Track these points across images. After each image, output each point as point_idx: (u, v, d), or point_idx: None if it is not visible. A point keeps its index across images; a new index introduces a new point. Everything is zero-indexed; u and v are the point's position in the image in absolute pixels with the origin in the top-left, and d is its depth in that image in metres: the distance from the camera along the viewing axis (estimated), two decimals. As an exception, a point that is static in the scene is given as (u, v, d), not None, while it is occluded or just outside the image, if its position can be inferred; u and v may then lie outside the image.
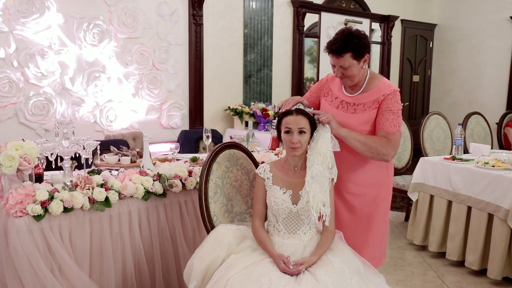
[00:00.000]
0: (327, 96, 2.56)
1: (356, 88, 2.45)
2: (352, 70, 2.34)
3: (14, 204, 2.32)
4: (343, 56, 2.31)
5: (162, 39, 5.45)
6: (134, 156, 3.31)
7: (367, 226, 2.50)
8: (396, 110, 2.36)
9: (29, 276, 2.30)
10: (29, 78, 4.56)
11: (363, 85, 2.43)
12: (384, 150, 2.32)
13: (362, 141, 2.31)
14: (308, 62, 7.22)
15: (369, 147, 2.31)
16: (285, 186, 2.29)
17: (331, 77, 2.60)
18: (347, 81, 2.41)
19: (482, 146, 4.24)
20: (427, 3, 8.88)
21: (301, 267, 2.10)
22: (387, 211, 2.60)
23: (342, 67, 2.34)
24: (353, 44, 2.29)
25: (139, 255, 2.71)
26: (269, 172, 2.34)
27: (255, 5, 6.32)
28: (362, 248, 2.46)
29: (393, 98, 2.37)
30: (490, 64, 8.14)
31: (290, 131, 2.25)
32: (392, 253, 4.13)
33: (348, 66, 2.32)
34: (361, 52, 2.32)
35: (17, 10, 4.41)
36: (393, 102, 2.36)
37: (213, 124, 6.01)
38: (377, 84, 2.42)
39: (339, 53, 2.31)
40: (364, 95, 2.42)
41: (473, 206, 3.61)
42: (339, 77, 2.40)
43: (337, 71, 2.38)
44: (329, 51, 2.35)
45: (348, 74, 2.36)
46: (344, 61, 2.31)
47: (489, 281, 3.51)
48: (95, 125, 5.06)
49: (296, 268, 2.10)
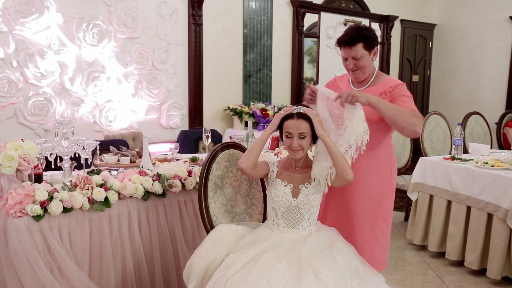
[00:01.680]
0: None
1: (364, 82, 2.54)
2: (364, 61, 2.43)
3: (14, 204, 2.32)
4: (356, 46, 2.40)
5: (161, 39, 5.45)
6: (134, 156, 3.31)
7: (371, 225, 2.50)
8: (409, 95, 2.42)
9: (28, 276, 2.30)
10: (29, 78, 4.56)
11: (370, 79, 2.52)
12: (415, 121, 2.32)
13: (395, 108, 2.31)
14: (307, 62, 7.23)
15: (400, 115, 2.29)
16: (286, 180, 2.33)
17: (338, 78, 2.70)
18: (359, 74, 2.48)
19: (482, 146, 4.24)
20: (427, 3, 8.88)
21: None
22: (390, 212, 2.61)
23: (355, 58, 2.42)
24: (364, 35, 2.40)
25: (139, 255, 2.71)
26: (275, 167, 2.39)
27: (254, 5, 6.32)
28: (365, 248, 2.47)
29: (402, 87, 2.45)
30: (489, 64, 8.14)
31: (290, 136, 2.27)
32: (391, 253, 4.13)
33: (360, 56, 2.41)
34: (371, 43, 2.43)
35: (17, 10, 4.41)
36: (404, 90, 2.43)
37: (212, 124, 6.01)
38: (384, 80, 2.51)
39: (352, 43, 2.40)
40: (372, 88, 2.49)
41: (473, 206, 3.61)
42: (351, 69, 2.47)
43: (349, 63, 2.45)
44: (341, 43, 2.44)
45: (360, 65, 2.44)
46: (356, 51, 2.40)
47: (488, 281, 3.51)
48: (95, 125, 5.06)
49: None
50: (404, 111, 2.32)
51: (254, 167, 2.34)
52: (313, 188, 2.30)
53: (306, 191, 2.30)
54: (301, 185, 2.31)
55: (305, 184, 2.31)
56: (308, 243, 2.22)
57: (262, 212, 2.67)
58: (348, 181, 2.25)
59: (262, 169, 2.39)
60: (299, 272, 2.05)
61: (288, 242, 2.24)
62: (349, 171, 2.24)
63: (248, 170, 2.33)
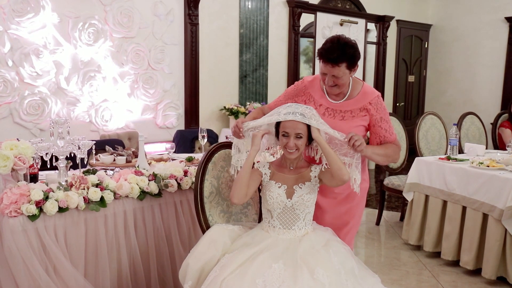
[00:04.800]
0: (308, 103, 2.50)
1: (341, 95, 2.47)
2: (344, 79, 2.36)
3: (9, 204, 2.31)
4: (340, 66, 2.30)
5: (157, 39, 5.45)
6: (130, 156, 3.30)
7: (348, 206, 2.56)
8: (387, 118, 2.49)
9: (23, 276, 2.30)
10: (24, 77, 4.54)
11: (347, 92, 2.46)
12: (397, 156, 2.52)
13: (382, 154, 2.45)
14: (303, 62, 7.24)
15: (387, 157, 2.47)
16: (280, 181, 2.32)
17: (308, 83, 2.57)
18: (336, 89, 2.41)
19: (477, 146, 4.25)
20: (423, 4, 8.91)
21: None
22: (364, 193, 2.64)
23: (335, 76, 2.33)
24: (349, 55, 2.30)
25: (134, 255, 2.70)
26: (267, 169, 2.37)
27: (250, 5, 6.32)
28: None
29: (381, 104, 2.46)
30: (485, 64, 8.17)
31: (287, 135, 2.27)
32: (387, 253, 4.15)
33: (341, 75, 2.33)
34: (355, 62, 2.35)
35: (12, 10, 4.39)
36: (383, 109, 2.46)
37: (208, 124, 6.00)
38: (360, 91, 2.46)
39: (336, 62, 2.29)
40: (349, 102, 2.45)
41: (468, 206, 3.63)
42: (330, 85, 2.39)
43: (328, 79, 2.36)
44: (325, 59, 2.32)
45: (340, 83, 2.37)
46: (339, 70, 2.31)
47: (483, 281, 3.52)
48: (91, 124, 5.05)
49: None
50: (391, 154, 2.47)
51: (246, 196, 2.30)
52: (307, 188, 2.31)
53: (300, 191, 2.30)
54: (295, 186, 2.30)
55: (299, 185, 2.31)
56: (304, 243, 2.22)
57: (258, 212, 2.67)
58: (344, 181, 2.25)
59: (254, 182, 2.35)
60: (295, 272, 2.05)
61: (284, 243, 2.24)
62: (345, 171, 2.24)
63: (242, 201, 2.31)
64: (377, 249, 4.31)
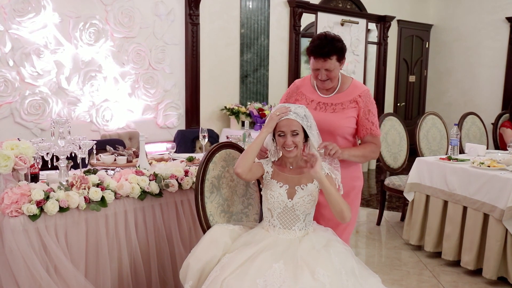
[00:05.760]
0: (300, 101, 2.64)
1: (331, 90, 2.61)
2: (335, 72, 2.52)
3: (10, 203, 2.31)
4: (331, 59, 2.46)
5: (158, 39, 5.45)
6: (130, 155, 3.30)
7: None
8: (375, 112, 2.62)
9: (24, 276, 2.30)
10: (25, 77, 4.54)
11: (337, 86, 2.60)
12: (376, 155, 2.66)
13: (360, 155, 2.57)
14: (304, 62, 7.23)
15: (365, 157, 2.61)
16: (282, 181, 2.33)
17: (299, 83, 2.74)
18: (329, 83, 2.56)
19: (478, 146, 4.25)
20: (423, 4, 8.90)
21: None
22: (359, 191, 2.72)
23: (328, 70, 2.48)
24: (338, 48, 2.47)
25: (135, 255, 2.70)
26: (270, 168, 2.38)
27: (251, 5, 6.32)
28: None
29: (369, 98, 2.61)
30: (485, 64, 8.16)
31: (283, 134, 2.28)
32: (388, 253, 4.15)
33: (333, 68, 2.48)
34: (343, 55, 2.52)
35: (13, 9, 4.39)
36: (371, 103, 2.60)
37: (209, 124, 6.00)
38: (351, 84, 2.62)
39: (328, 55, 2.44)
40: (339, 95, 2.59)
41: (469, 206, 3.63)
42: (323, 80, 2.52)
43: (321, 74, 2.51)
44: (316, 55, 2.47)
45: (332, 76, 2.51)
46: (330, 63, 2.46)
47: (484, 281, 3.52)
48: (91, 124, 5.05)
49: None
50: (368, 152, 2.59)
51: (249, 171, 2.34)
52: (309, 190, 2.31)
53: (302, 192, 2.30)
54: (297, 186, 2.31)
55: (301, 186, 2.31)
56: (305, 243, 2.23)
57: (258, 212, 2.67)
58: (344, 221, 2.31)
59: (257, 171, 2.38)
60: (296, 272, 2.05)
61: (284, 242, 2.24)
62: (347, 214, 2.27)
63: (244, 174, 2.32)
64: (377, 249, 4.31)
